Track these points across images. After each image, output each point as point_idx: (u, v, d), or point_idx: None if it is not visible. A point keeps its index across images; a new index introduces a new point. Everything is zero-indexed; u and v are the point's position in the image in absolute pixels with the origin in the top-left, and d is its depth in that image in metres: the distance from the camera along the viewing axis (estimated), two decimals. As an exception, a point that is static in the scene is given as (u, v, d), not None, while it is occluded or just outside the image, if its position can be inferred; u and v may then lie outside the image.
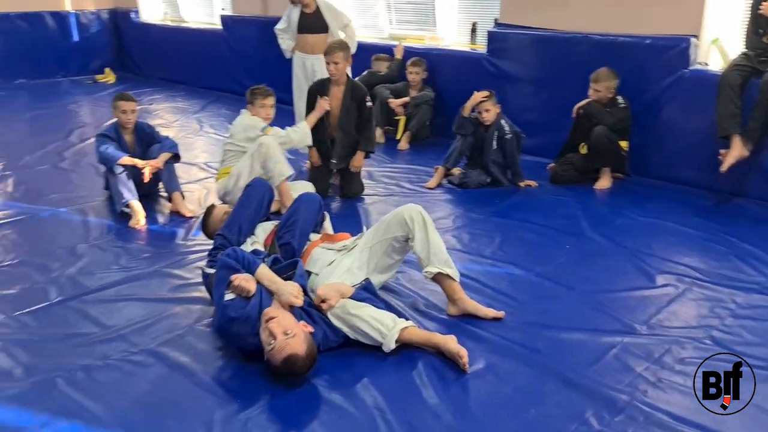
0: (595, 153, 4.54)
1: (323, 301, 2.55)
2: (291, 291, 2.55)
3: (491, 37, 5.54)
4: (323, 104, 4.35)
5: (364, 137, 4.50)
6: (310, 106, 4.49)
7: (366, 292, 2.71)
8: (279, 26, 5.55)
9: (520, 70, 5.40)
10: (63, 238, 3.83)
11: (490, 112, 4.59)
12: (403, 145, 5.84)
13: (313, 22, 5.32)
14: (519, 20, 5.43)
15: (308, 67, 5.37)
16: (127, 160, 4.07)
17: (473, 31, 6.08)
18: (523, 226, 3.97)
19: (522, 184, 4.69)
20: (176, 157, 4.32)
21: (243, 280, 2.52)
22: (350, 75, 4.67)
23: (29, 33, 9.59)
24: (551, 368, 2.50)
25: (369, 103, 4.49)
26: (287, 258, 2.88)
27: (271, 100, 4.24)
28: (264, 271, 2.64)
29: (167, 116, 7.40)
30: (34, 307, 2.98)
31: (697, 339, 2.69)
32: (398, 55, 6.25)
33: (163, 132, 4.68)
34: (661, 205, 4.30)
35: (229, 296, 2.52)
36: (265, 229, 3.14)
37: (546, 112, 5.28)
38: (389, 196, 4.58)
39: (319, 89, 4.49)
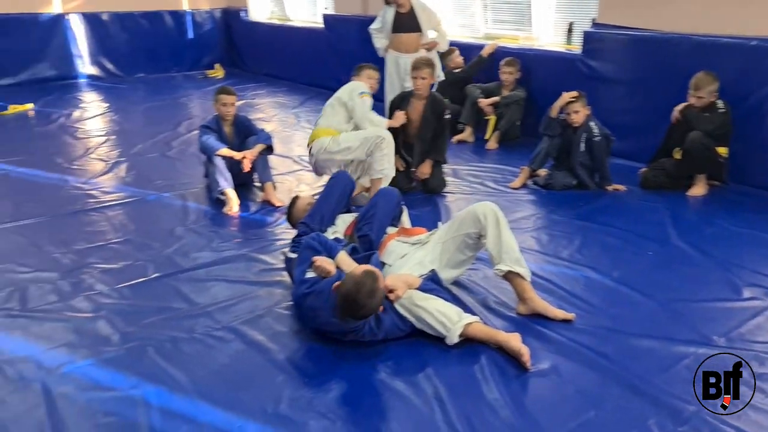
0: (690, 159, 4.36)
1: (391, 291, 2.65)
2: None
3: (587, 37, 5.42)
4: (399, 118, 4.53)
5: (436, 146, 4.60)
6: (391, 117, 4.66)
7: (432, 283, 2.79)
8: (374, 26, 5.70)
9: (615, 71, 5.26)
10: (164, 221, 4.14)
11: (580, 114, 4.52)
12: (492, 144, 5.84)
13: (406, 22, 5.46)
14: (617, 20, 5.29)
15: (401, 66, 5.51)
16: (225, 151, 4.35)
17: (569, 31, 5.97)
18: (605, 230, 3.89)
19: (610, 187, 4.59)
20: (270, 149, 4.55)
21: (324, 262, 2.69)
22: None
23: (149, 31, 10.31)
24: (617, 373, 2.48)
25: (447, 116, 4.60)
26: (365, 249, 3.00)
27: (377, 75, 4.70)
28: (343, 257, 2.80)
29: (268, 110, 7.76)
30: (133, 282, 3.27)
31: (779, 355, 2.57)
32: (485, 53, 6.23)
33: (263, 125, 4.95)
34: (758, 215, 4.08)
35: (309, 274, 2.69)
36: (345, 221, 3.28)
37: (640, 115, 5.12)
38: (472, 194, 4.61)
39: (400, 103, 4.64)
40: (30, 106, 7.84)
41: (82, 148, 5.99)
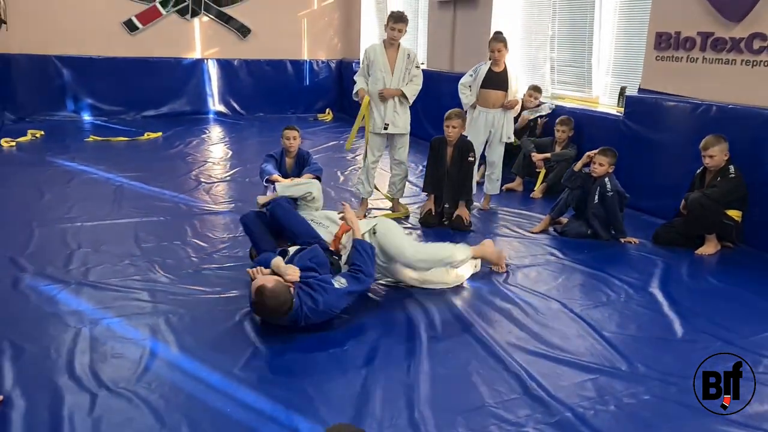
0: (693, 218, 4.59)
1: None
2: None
3: (628, 100, 5.78)
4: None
5: (465, 188, 5.20)
6: (433, 156, 5.29)
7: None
8: (464, 80, 5.89)
9: (652, 133, 5.55)
10: (218, 231, 5.00)
11: (602, 167, 4.88)
12: (536, 194, 6.26)
13: (497, 80, 5.65)
14: (658, 87, 5.60)
15: (488, 121, 5.71)
16: (274, 177, 5.18)
17: (621, 94, 6.31)
18: (592, 273, 4.25)
19: (623, 240, 4.89)
20: (317, 179, 5.32)
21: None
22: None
23: (272, 76, 11.71)
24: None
25: (471, 158, 5.17)
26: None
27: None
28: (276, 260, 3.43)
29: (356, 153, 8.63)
30: (183, 271, 4.11)
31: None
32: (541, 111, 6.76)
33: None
34: (755, 276, 4.23)
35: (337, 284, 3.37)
36: (334, 220, 4.00)
37: (672, 175, 5.36)
38: (494, 234, 5.09)
39: (438, 146, 5.27)
40: (159, 134, 9.28)
41: (186, 170, 7.12)
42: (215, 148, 8.66)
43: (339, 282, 3.31)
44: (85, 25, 10.29)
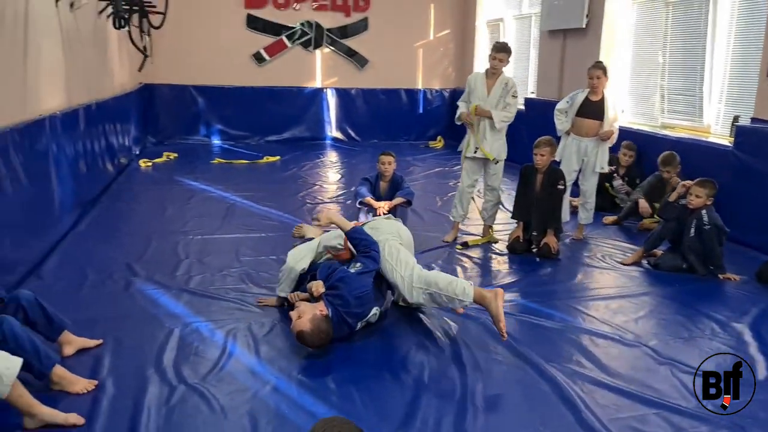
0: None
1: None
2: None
3: (738, 130, 5.48)
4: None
5: (554, 217, 5.18)
6: (523, 183, 5.32)
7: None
8: (560, 106, 5.87)
9: (762, 164, 5.22)
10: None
11: (700, 199, 4.67)
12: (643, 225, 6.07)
13: (593, 109, 5.58)
14: (773, 116, 5.29)
15: (581, 149, 5.67)
16: (367, 200, 5.42)
17: (734, 123, 5.98)
18: (679, 309, 4.08)
19: (722, 276, 4.63)
20: (408, 203, 5.50)
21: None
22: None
23: (387, 104, 12.12)
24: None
25: (561, 186, 5.13)
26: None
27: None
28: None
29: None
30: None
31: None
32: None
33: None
34: None
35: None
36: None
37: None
38: (581, 263, 5.01)
39: (529, 172, 5.29)
40: (278, 158, 9.90)
41: (295, 191, 7.57)
42: (327, 172, 9.11)
43: (355, 267, 3.61)
44: (219, 58, 11.22)
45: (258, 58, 11.53)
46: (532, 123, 9.03)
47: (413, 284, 3.61)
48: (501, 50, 5.32)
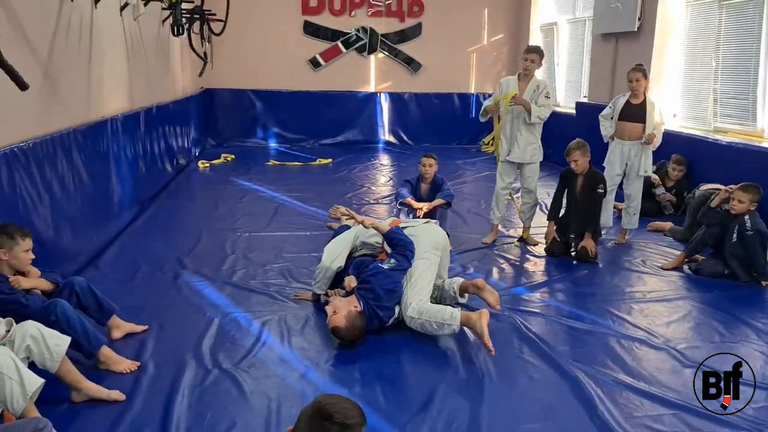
0: None
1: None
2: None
3: (789, 134, 5.33)
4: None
5: (592, 220, 5.15)
6: (562, 186, 5.33)
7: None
8: (604, 112, 5.87)
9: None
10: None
11: (743, 204, 4.59)
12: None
13: (635, 112, 5.56)
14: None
15: (624, 153, 5.60)
16: (407, 201, 5.54)
17: (787, 128, 5.82)
18: (715, 314, 4.03)
19: (765, 283, 4.53)
20: (448, 204, 5.58)
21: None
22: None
23: (439, 108, 12.21)
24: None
25: (600, 190, 5.11)
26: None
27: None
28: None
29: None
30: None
31: None
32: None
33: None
34: None
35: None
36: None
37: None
38: (620, 266, 4.99)
39: (569, 176, 5.29)
40: (330, 160, 10.13)
41: (342, 193, 7.76)
42: (376, 174, 9.28)
43: (389, 263, 3.74)
44: (277, 63, 11.58)
45: (314, 63, 11.83)
46: (584, 126, 8.96)
47: (407, 312, 3.62)
48: (532, 51, 5.41)
